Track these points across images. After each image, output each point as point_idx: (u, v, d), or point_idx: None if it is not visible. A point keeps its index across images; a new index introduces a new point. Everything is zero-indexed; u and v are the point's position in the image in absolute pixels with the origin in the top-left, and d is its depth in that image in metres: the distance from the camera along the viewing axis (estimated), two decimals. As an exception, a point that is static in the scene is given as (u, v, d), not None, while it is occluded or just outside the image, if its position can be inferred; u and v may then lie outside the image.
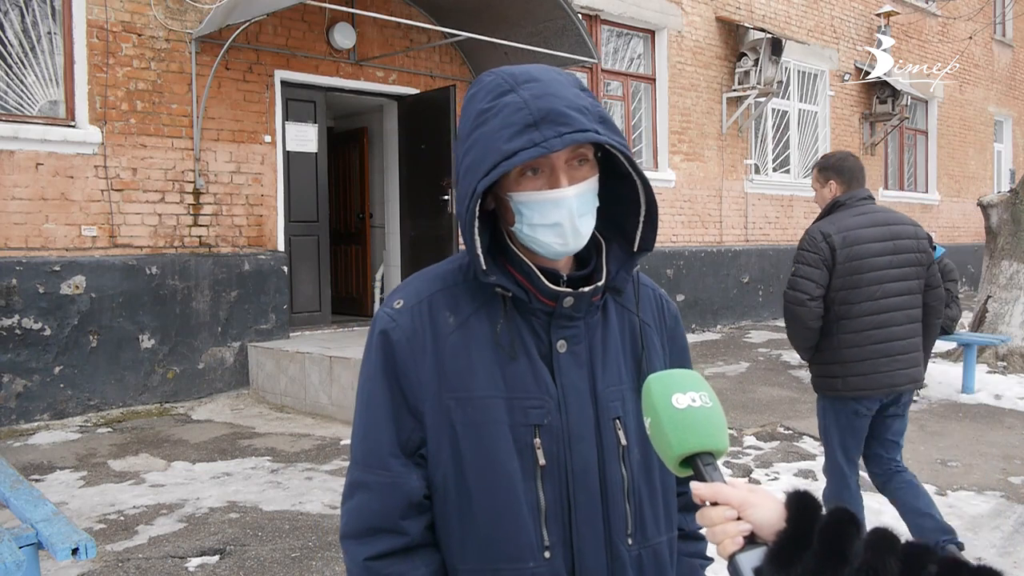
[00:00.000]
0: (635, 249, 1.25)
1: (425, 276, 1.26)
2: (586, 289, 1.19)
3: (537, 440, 1.16)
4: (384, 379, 1.18)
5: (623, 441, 1.21)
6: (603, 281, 1.22)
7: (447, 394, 1.16)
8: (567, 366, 1.19)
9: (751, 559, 0.88)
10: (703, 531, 0.97)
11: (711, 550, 1.43)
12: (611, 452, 1.20)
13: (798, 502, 0.90)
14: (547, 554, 1.15)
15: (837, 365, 3.44)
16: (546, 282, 1.17)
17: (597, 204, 1.19)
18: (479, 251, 1.14)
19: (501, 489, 1.15)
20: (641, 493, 1.23)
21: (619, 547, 1.19)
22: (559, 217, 1.14)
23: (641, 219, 1.25)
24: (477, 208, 1.12)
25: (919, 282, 3.49)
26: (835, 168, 3.56)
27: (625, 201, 1.24)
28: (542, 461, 1.16)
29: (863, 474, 3.68)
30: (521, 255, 1.19)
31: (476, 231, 1.14)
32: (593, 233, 1.21)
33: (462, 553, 1.16)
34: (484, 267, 1.15)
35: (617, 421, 1.21)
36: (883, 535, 0.85)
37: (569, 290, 1.18)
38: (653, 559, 1.23)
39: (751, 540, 0.90)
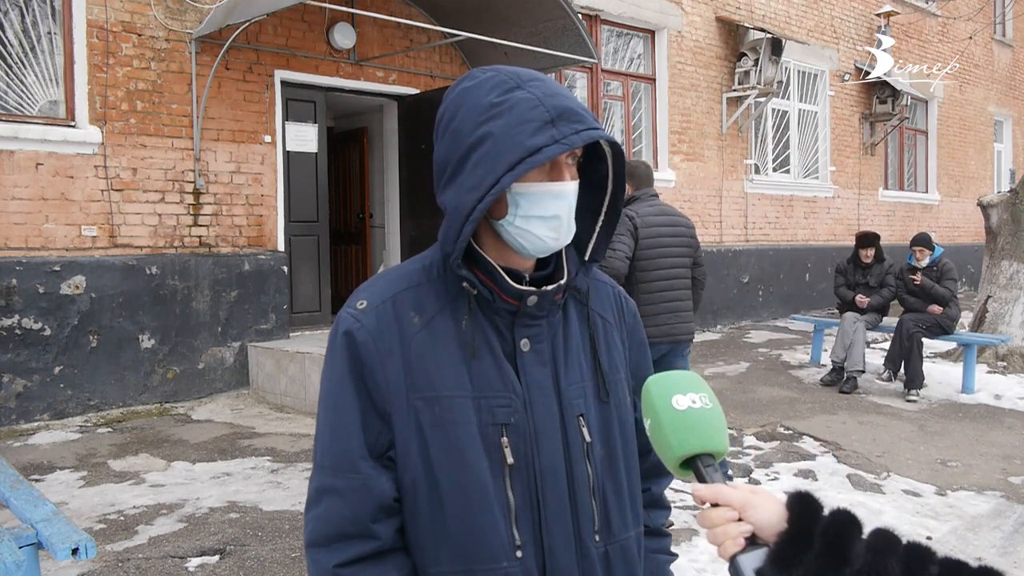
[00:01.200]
0: (586, 258, 1.27)
1: (388, 276, 1.25)
2: (549, 287, 1.20)
3: (504, 439, 1.16)
4: (351, 381, 1.16)
5: (587, 438, 1.21)
6: (565, 280, 1.23)
7: (414, 394, 1.15)
8: (531, 364, 1.19)
9: (752, 560, 0.87)
10: (702, 532, 0.97)
11: (675, 546, 1.44)
12: (577, 449, 1.20)
13: (799, 503, 0.90)
14: (519, 553, 1.15)
15: None
16: (510, 281, 1.18)
17: None
18: (465, 243, 1.14)
19: (472, 489, 1.14)
20: (606, 490, 1.23)
21: (588, 544, 1.19)
22: (559, 210, 1.15)
23: (598, 228, 1.27)
24: (491, 200, 1.12)
25: (690, 259, 4.61)
26: (630, 173, 4.59)
27: (581, 208, 1.25)
28: (510, 460, 1.15)
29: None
30: (487, 256, 1.19)
31: (476, 223, 1.13)
32: None
33: (435, 556, 1.15)
34: (461, 259, 1.16)
35: (581, 418, 1.21)
36: (884, 536, 0.85)
37: (533, 289, 1.19)
38: (621, 555, 1.24)
39: (752, 541, 0.90)
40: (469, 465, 1.14)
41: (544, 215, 1.15)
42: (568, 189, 1.16)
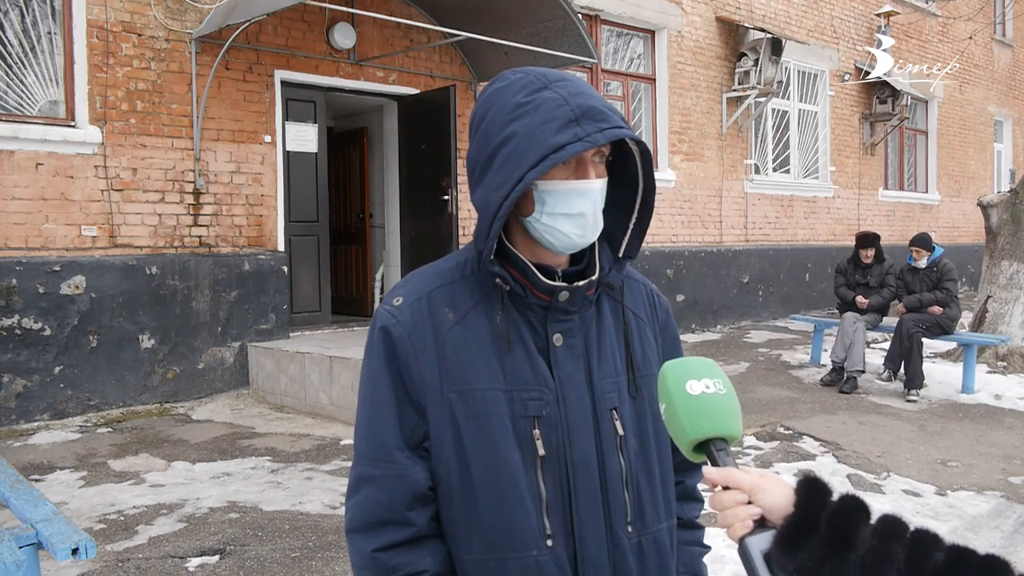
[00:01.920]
0: (620, 255, 1.29)
1: (423, 273, 1.29)
2: (580, 283, 1.22)
3: (536, 431, 1.19)
4: (387, 375, 1.21)
5: (620, 431, 1.24)
6: (597, 276, 1.25)
7: (449, 388, 1.19)
8: (564, 359, 1.22)
9: (760, 542, 0.89)
10: (712, 514, 0.98)
11: (708, 538, 1.45)
12: (609, 442, 1.23)
13: (808, 488, 0.91)
14: (549, 542, 1.18)
15: None
16: (541, 277, 1.20)
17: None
18: (496, 239, 1.17)
19: (504, 479, 1.17)
20: (639, 481, 1.25)
21: (619, 535, 1.22)
22: (584, 207, 1.17)
23: (631, 225, 1.29)
24: (517, 197, 1.14)
25: None
26: None
27: (614, 206, 1.28)
28: (541, 451, 1.18)
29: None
30: (519, 253, 1.22)
31: (504, 219, 1.16)
32: None
33: (467, 544, 1.19)
34: (493, 256, 1.19)
35: (614, 412, 1.24)
36: (891, 522, 0.86)
37: (564, 284, 1.21)
38: (654, 545, 1.26)
39: (761, 524, 0.91)
40: (501, 456, 1.17)
41: (570, 212, 1.17)
42: (593, 187, 1.18)
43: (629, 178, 1.27)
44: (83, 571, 3.58)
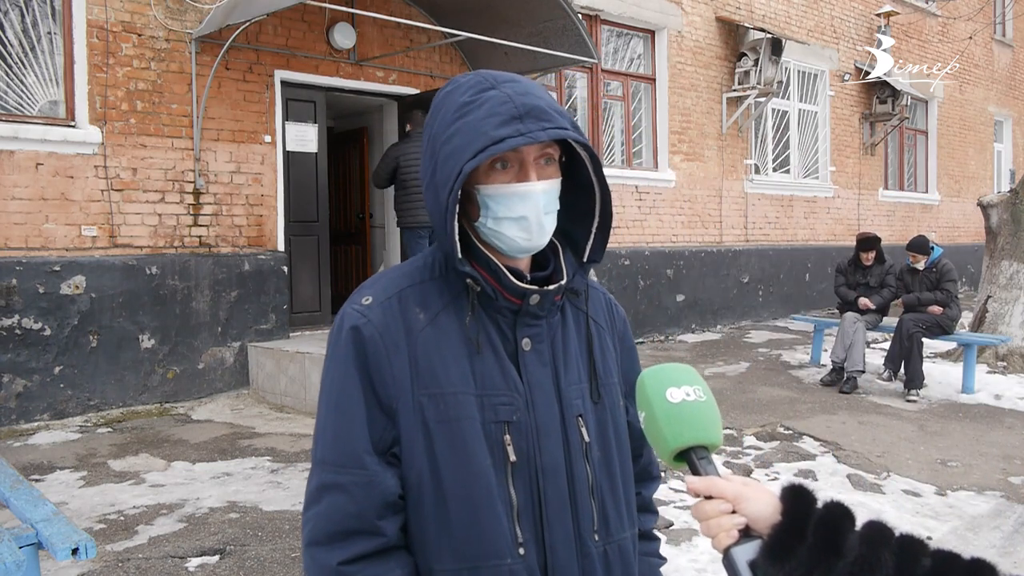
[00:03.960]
0: (584, 259, 1.28)
1: (391, 274, 1.26)
2: (551, 287, 1.21)
3: (507, 436, 1.17)
4: (357, 376, 1.16)
5: (586, 438, 1.23)
6: (564, 281, 1.24)
7: (420, 390, 1.15)
8: (532, 364, 1.20)
9: (746, 552, 0.88)
10: (698, 527, 0.97)
11: (675, 546, 1.46)
12: (576, 449, 1.21)
13: (793, 496, 0.90)
14: (521, 550, 1.16)
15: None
16: (513, 279, 1.19)
17: (558, 206, 1.21)
18: (456, 237, 1.15)
19: (477, 486, 1.14)
20: (603, 489, 1.24)
21: (588, 543, 1.21)
22: (525, 211, 1.16)
23: (593, 230, 1.27)
24: (459, 192, 1.13)
25: None
26: (408, 118, 7.26)
27: (577, 212, 1.27)
28: (512, 457, 1.16)
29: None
30: (487, 252, 1.20)
31: (456, 217, 1.14)
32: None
33: (438, 554, 1.15)
34: (459, 255, 1.16)
35: (580, 418, 1.23)
36: (877, 528, 0.86)
37: (535, 287, 1.20)
38: (619, 554, 1.25)
39: (746, 534, 0.90)
40: (473, 462, 1.14)
41: (511, 216, 1.16)
42: (534, 189, 1.15)
43: (587, 183, 1.25)
44: (83, 571, 3.58)
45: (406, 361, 1.16)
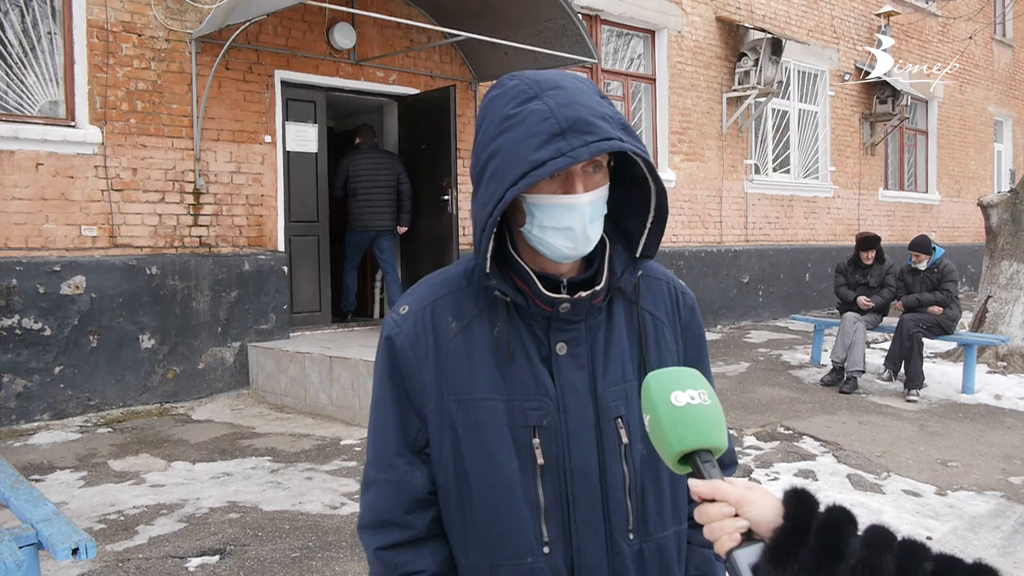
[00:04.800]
0: (637, 255, 1.27)
1: (430, 282, 1.30)
2: (583, 294, 1.21)
3: (536, 440, 1.19)
4: (390, 383, 1.25)
5: (624, 440, 1.23)
6: (603, 284, 1.23)
7: (449, 396, 1.21)
8: (566, 368, 1.22)
9: (748, 556, 0.88)
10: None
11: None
12: (612, 451, 1.22)
13: (796, 499, 0.90)
14: (546, 550, 1.19)
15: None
16: (542, 289, 1.20)
17: (606, 211, 1.20)
18: (488, 255, 1.16)
19: (499, 488, 1.19)
20: (645, 489, 1.25)
21: (619, 542, 1.22)
22: (571, 222, 1.15)
23: (648, 224, 1.26)
24: (499, 217, 1.13)
25: (394, 182, 8.12)
26: (360, 133, 8.32)
27: (632, 205, 1.26)
28: (540, 460, 1.19)
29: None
30: (522, 261, 1.21)
31: (492, 237, 1.16)
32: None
33: (464, 548, 1.23)
34: (488, 270, 1.18)
35: (619, 420, 1.23)
36: (880, 532, 0.86)
37: (566, 296, 1.20)
38: (656, 553, 1.26)
39: (748, 537, 0.90)
40: (497, 466, 1.19)
41: (557, 226, 1.16)
42: (580, 201, 1.15)
43: (642, 177, 1.24)
44: (83, 571, 3.59)
45: (434, 369, 1.22)
